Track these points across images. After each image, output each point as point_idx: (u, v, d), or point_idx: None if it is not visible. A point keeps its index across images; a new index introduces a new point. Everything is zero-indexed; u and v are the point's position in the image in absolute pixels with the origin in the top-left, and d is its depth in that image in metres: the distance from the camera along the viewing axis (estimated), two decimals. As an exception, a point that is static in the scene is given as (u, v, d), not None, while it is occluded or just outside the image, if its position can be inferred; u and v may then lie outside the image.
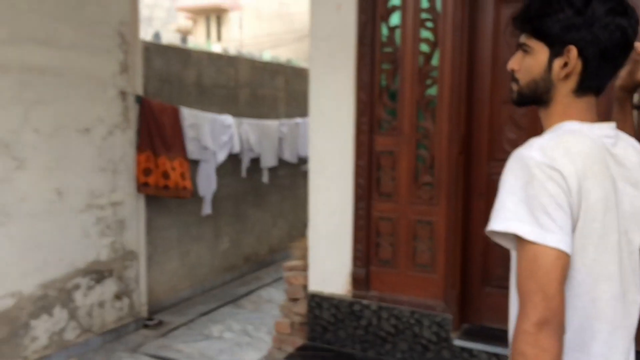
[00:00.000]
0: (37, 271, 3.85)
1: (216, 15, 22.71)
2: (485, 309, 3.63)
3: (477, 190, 3.57)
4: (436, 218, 3.57)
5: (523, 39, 1.35)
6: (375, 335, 3.70)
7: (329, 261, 3.87)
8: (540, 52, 1.31)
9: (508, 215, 1.17)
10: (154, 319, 4.81)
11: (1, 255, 3.60)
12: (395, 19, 3.58)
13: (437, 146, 3.50)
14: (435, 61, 3.48)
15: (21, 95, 3.68)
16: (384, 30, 3.61)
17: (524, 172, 1.18)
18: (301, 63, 7.57)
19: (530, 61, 1.33)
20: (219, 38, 22.67)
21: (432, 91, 3.51)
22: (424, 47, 3.51)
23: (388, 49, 3.61)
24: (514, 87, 1.40)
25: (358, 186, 3.72)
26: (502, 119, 3.49)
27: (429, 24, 3.47)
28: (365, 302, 3.74)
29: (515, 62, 1.37)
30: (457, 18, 3.37)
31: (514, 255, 1.29)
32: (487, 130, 3.52)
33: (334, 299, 3.85)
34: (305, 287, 4.03)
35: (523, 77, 1.35)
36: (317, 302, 3.91)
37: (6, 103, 3.58)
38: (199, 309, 5.14)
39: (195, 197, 5.30)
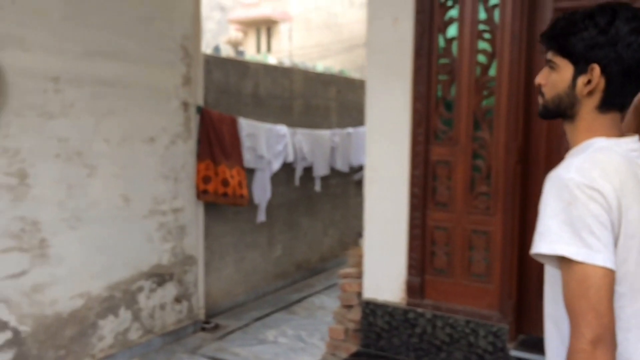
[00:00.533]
0: (105, 273, 4.05)
1: (266, 27, 23.14)
2: (541, 320, 3.60)
3: (534, 201, 3.54)
4: (492, 228, 3.58)
5: (550, 55, 1.40)
6: (429, 344, 3.73)
7: (383, 269, 3.93)
8: (565, 69, 1.36)
9: (553, 238, 1.21)
10: (210, 322, 4.96)
11: (73, 257, 3.81)
12: (452, 30, 3.63)
13: (494, 156, 3.52)
14: (492, 72, 3.51)
15: (93, 107, 3.89)
16: (441, 42, 3.66)
17: (565, 193, 1.22)
18: (350, 73, 7.67)
19: (556, 77, 1.38)
20: (268, 49, 23.07)
21: (489, 102, 3.53)
22: (482, 58, 3.54)
23: (445, 60, 3.66)
24: (540, 100, 1.46)
25: (413, 195, 3.77)
26: (560, 129, 3.48)
27: (487, 35, 3.50)
28: (419, 310, 3.77)
29: (542, 77, 1.43)
30: (516, 29, 3.39)
31: (550, 272, 1.34)
32: (545, 140, 3.52)
33: (388, 306, 3.90)
34: (359, 294, 4.09)
35: (549, 92, 1.41)
36: (372, 309, 3.96)
37: (80, 114, 3.81)
38: (253, 314, 5.26)
39: (250, 205, 5.45)
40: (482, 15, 3.53)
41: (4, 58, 3.34)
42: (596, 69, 1.31)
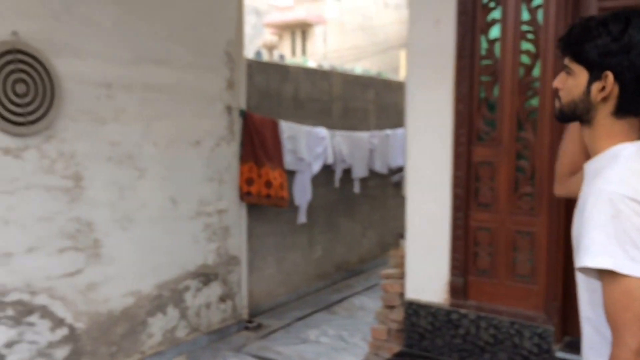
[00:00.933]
0: (154, 272, 4.18)
1: (301, 30, 23.31)
2: (588, 322, 3.57)
3: (580, 201, 3.53)
4: (537, 229, 3.57)
5: (566, 61, 1.44)
6: (473, 345, 3.73)
7: (426, 270, 3.95)
8: (580, 75, 1.39)
9: (598, 251, 1.24)
10: (253, 321, 5.05)
11: (124, 257, 3.95)
12: (495, 31, 3.63)
13: (538, 157, 3.51)
14: (536, 72, 3.50)
15: (143, 112, 4.03)
16: (484, 43, 3.67)
17: (609, 207, 1.25)
18: (387, 75, 7.70)
19: (572, 82, 1.42)
20: (303, 52, 23.24)
21: (533, 102, 3.53)
22: (525, 59, 3.54)
23: (487, 62, 3.67)
24: (557, 104, 1.49)
25: (456, 196, 3.79)
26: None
27: (530, 36, 3.50)
28: (463, 311, 3.78)
29: (559, 82, 1.47)
30: (560, 29, 3.38)
31: (585, 278, 1.37)
32: (590, 140, 3.49)
33: (431, 307, 3.92)
34: (401, 294, 4.12)
35: (565, 97, 1.45)
36: (414, 309, 3.99)
37: (131, 119, 3.95)
38: (295, 314, 5.34)
39: (291, 207, 5.53)
40: (525, 16, 3.53)
41: (61, 66, 3.50)
42: (610, 76, 1.34)
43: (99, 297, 3.80)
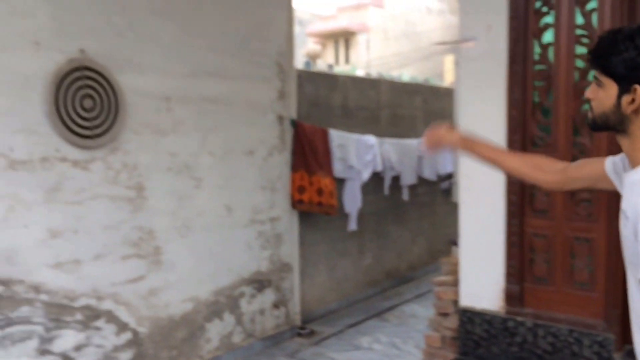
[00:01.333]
0: (210, 279, 4.30)
1: (344, 39, 23.45)
2: (651, 331, 3.48)
3: (640, 207, 3.45)
4: (595, 235, 3.51)
5: (596, 73, 1.46)
6: (530, 353, 3.69)
7: (480, 277, 3.93)
8: (610, 87, 1.41)
9: None
10: (306, 328, 5.12)
11: (183, 264, 4.09)
12: (548, 36, 3.61)
13: (596, 162, 3.45)
14: (592, 76, 3.45)
15: (199, 123, 4.17)
16: (537, 48, 3.65)
17: None
18: (434, 81, 7.68)
19: (603, 94, 1.44)
20: (346, 60, 23.35)
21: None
22: (580, 63, 3.50)
23: (541, 67, 3.64)
24: (589, 114, 1.53)
25: (510, 203, 3.76)
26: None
27: (585, 40, 3.46)
28: (519, 318, 3.74)
29: (590, 92, 1.49)
30: (616, 32, 3.33)
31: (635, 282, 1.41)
32: (651, 144, 3.42)
33: (486, 314, 3.89)
34: (455, 302, 4.11)
35: (596, 108, 1.48)
36: (469, 317, 3.97)
37: (188, 130, 4.09)
38: (346, 321, 5.37)
39: (341, 214, 5.59)
40: (579, 20, 3.50)
41: (124, 81, 3.67)
42: (638, 90, 1.36)
43: (160, 303, 3.94)
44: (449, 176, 6.71)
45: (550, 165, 1.87)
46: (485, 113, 3.84)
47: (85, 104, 3.44)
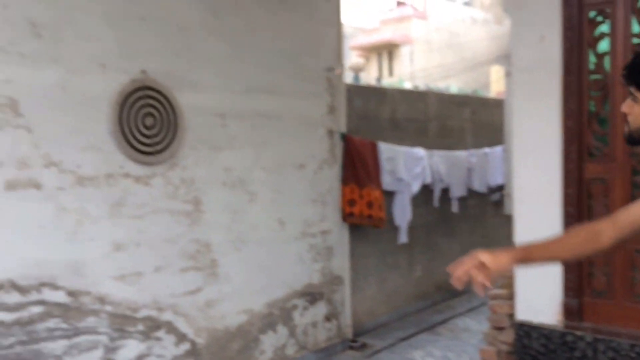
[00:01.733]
0: (264, 291, 4.37)
1: (387, 51, 23.48)
2: None
3: None
4: (658, 247, 3.41)
5: (632, 89, 1.49)
6: (591, 368, 3.60)
7: (536, 290, 3.87)
8: None
9: None
10: (357, 341, 5.12)
11: (238, 276, 4.17)
12: (603, 45, 3.56)
13: (657, 172, 3.38)
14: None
15: (253, 138, 4.28)
16: (592, 58, 3.60)
17: None
18: (481, 92, 7.61)
19: (638, 110, 1.47)
20: (390, 73, 23.36)
21: (649, 116, 3.40)
22: (638, 72, 3.43)
23: (596, 76, 3.59)
24: (626, 128, 1.55)
25: (567, 215, 3.70)
26: None
27: (643, 48, 3.40)
28: (578, 333, 3.66)
29: (626, 107, 1.52)
30: (676, 40, 3.26)
31: None
32: None
33: (543, 328, 3.82)
34: (510, 315, 4.06)
35: (633, 122, 1.51)
36: (526, 331, 3.90)
37: (242, 145, 4.20)
38: (398, 334, 5.35)
39: (390, 227, 5.59)
40: (636, 28, 3.44)
41: (182, 99, 3.80)
42: None
43: (216, 314, 4.03)
44: (500, 188, 6.63)
45: (596, 229, 1.72)
46: (539, 124, 3.81)
47: (147, 122, 3.59)
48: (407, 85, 6.62)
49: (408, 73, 22.11)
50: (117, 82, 3.46)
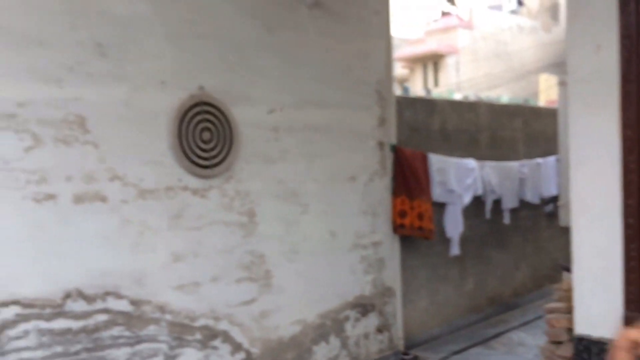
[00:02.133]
0: (317, 302, 4.41)
1: (433, 62, 23.35)
2: None
3: None
4: None
5: None
6: (656, 386, 3.47)
7: (596, 304, 3.76)
8: None
9: None
10: (409, 353, 5.09)
11: (291, 287, 4.23)
12: (664, 53, 3.47)
13: None
14: None
15: (305, 151, 4.34)
16: (652, 66, 3.51)
17: None
18: (531, 102, 7.49)
19: None
20: (435, 83, 23.22)
21: None
22: (702, 79, 3.33)
23: (657, 84, 3.50)
24: None
25: (628, 226, 3.60)
26: None
27: None
28: (641, 348, 3.54)
29: None
30: None
31: None
32: None
33: (604, 343, 3.71)
34: (568, 329, 3.96)
35: None
36: (585, 345, 3.80)
37: (295, 158, 4.27)
38: (450, 348, 5.29)
39: (441, 238, 5.55)
40: (699, 34, 3.34)
41: (237, 113, 3.91)
42: None
43: (270, 325, 4.09)
44: (554, 199, 6.49)
45: None
46: (596, 134, 3.72)
47: (204, 137, 3.70)
48: (457, 96, 6.58)
49: (454, 83, 21.93)
50: (176, 98, 3.59)
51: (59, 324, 3.15)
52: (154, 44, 3.51)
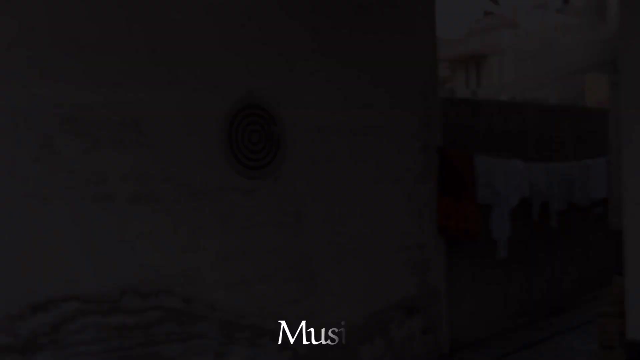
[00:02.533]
0: (362, 303, 4.43)
1: (475, 62, 23.03)
2: None
3: None
4: None
5: None
6: None
7: (650, 309, 3.67)
8: None
9: None
10: (455, 356, 5.06)
11: (337, 287, 4.27)
12: None
13: None
14: None
15: (351, 152, 4.38)
16: None
17: None
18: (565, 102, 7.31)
19: None
20: (477, 84, 22.88)
21: None
22: None
23: None
24: None
25: (685, 229, 3.50)
26: None
27: None
28: (699, 355, 3.44)
29: None
30: None
31: None
32: None
33: (659, 349, 3.61)
34: (621, 334, 3.86)
35: None
36: (638, 351, 3.70)
37: (341, 159, 4.31)
38: (497, 351, 5.22)
39: (486, 241, 5.49)
40: None
41: (284, 115, 3.97)
42: None
43: (316, 324, 4.12)
44: (603, 201, 6.34)
45: None
46: (652, 135, 3.63)
47: (253, 138, 3.78)
48: (503, 97, 6.49)
49: (497, 84, 21.56)
50: (226, 101, 3.67)
51: (115, 319, 3.26)
52: (206, 49, 3.60)
